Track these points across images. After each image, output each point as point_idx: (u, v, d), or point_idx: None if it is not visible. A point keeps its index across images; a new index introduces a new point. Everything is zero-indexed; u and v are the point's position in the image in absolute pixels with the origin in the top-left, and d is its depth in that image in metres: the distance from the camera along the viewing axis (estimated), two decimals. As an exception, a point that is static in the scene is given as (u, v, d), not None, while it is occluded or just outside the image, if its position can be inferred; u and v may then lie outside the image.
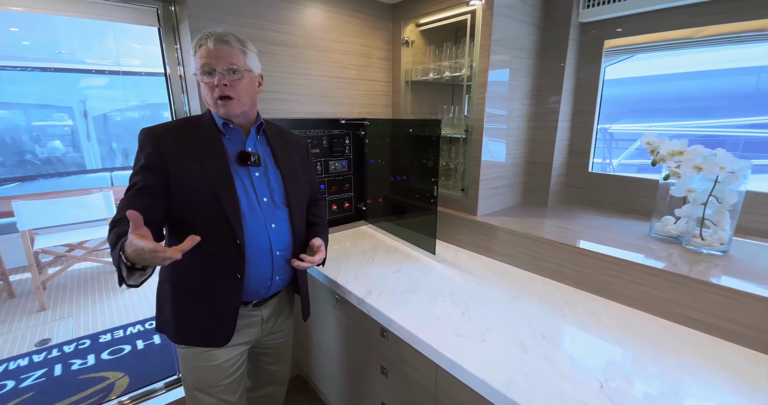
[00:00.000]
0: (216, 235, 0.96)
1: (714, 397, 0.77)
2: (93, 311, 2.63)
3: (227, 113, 0.98)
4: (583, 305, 1.13)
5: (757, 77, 2.28)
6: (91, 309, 2.66)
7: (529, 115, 1.65)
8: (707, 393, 0.78)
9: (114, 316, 2.56)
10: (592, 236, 1.32)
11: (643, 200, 1.55)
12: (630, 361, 0.87)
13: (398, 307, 1.11)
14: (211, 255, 0.97)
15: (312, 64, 1.55)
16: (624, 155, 2.60)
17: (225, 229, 0.97)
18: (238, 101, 0.97)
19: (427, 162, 1.59)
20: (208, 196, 0.95)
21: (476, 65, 1.42)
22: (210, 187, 0.95)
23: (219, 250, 0.98)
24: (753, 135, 2.28)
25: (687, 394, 0.77)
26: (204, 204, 0.95)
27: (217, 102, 0.96)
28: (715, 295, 0.97)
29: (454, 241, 1.61)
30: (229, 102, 0.96)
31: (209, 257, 0.97)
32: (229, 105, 0.96)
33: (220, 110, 0.97)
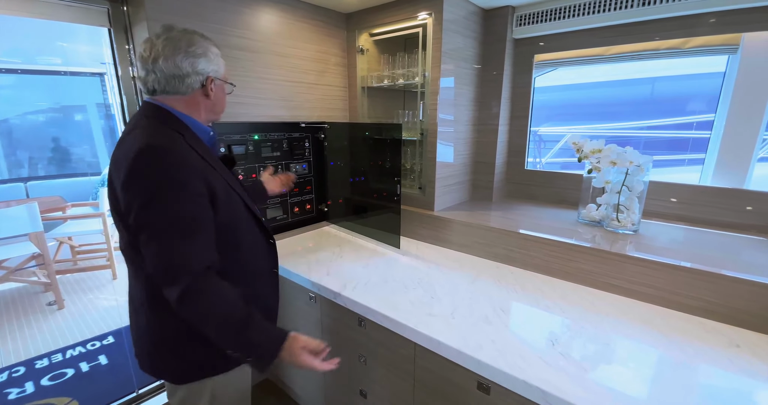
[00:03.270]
0: (253, 237, 1.01)
1: (636, 345, 0.97)
2: (22, 337, 2.35)
3: (216, 120, 1.05)
4: (530, 282, 1.31)
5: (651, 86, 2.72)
6: (18, 334, 2.38)
7: (474, 119, 1.83)
8: (631, 342, 0.98)
9: (48, 339, 2.32)
10: (532, 224, 1.52)
11: (570, 192, 1.81)
12: (571, 323, 1.05)
13: (374, 297, 1.20)
14: (250, 262, 0.99)
15: (272, 69, 1.59)
16: (550, 154, 2.95)
17: (257, 231, 1.02)
18: None
19: (384, 163, 1.70)
20: (239, 203, 0.97)
21: (429, 74, 1.57)
22: (236, 193, 0.96)
23: (258, 253, 1.02)
24: (650, 135, 2.72)
25: (616, 344, 0.97)
26: (239, 212, 0.96)
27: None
28: (631, 265, 1.20)
29: (414, 235, 1.74)
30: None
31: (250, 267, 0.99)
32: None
33: (218, 118, 1.04)
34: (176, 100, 0.91)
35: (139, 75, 0.90)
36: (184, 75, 0.88)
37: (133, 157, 0.77)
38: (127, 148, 0.81)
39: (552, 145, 2.92)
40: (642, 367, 0.88)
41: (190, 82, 0.90)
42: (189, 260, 0.78)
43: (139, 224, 0.78)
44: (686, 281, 1.11)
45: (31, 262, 2.79)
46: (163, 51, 0.85)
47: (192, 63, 0.88)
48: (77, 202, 3.54)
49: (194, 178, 0.82)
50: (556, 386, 0.80)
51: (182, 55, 0.87)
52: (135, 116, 0.92)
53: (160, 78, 0.87)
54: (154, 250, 0.78)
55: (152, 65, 0.85)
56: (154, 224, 0.78)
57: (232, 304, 0.82)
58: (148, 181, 0.77)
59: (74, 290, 3.00)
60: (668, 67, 1.89)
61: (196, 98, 0.94)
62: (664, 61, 1.64)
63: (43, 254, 2.66)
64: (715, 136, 1.61)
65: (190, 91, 0.91)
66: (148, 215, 0.77)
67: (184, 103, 0.92)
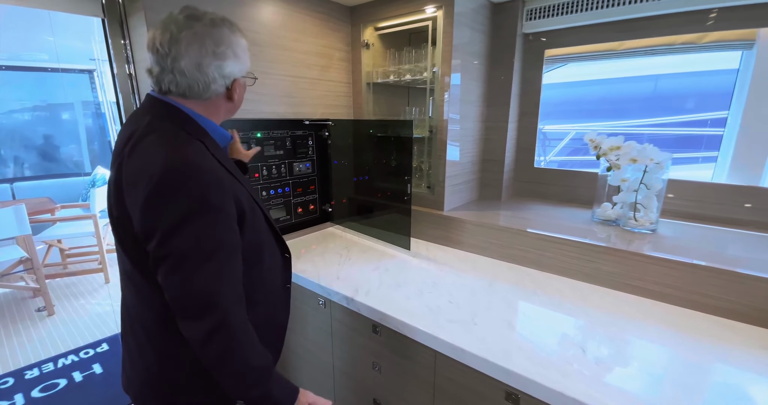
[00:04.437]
0: (272, 252, 0.93)
1: (659, 346, 0.92)
2: (10, 345, 2.25)
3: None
4: (549, 285, 1.26)
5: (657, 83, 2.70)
6: (6, 343, 2.28)
7: (482, 116, 1.78)
8: (655, 344, 0.93)
9: (38, 348, 2.22)
10: (546, 224, 1.47)
11: (581, 190, 1.77)
12: (598, 328, 1.01)
13: (388, 302, 1.14)
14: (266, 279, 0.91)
15: (274, 63, 1.52)
16: (554, 152, 2.92)
17: (275, 245, 0.95)
18: None
19: (389, 162, 1.64)
20: (261, 218, 0.88)
21: (438, 69, 1.51)
22: (258, 206, 0.87)
23: (274, 269, 0.95)
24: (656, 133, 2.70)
25: (647, 350, 0.92)
26: (262, 228, 0.88)
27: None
28: (653, 266, 1.15)
29: (423, 235, 1.68)
30: None
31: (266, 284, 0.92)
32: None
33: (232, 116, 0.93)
34: (195, 104, 0.80)
35: (151, 69, 0.76)
36: (209, 81, 0.77)
37: (159, 174, 0.67)
38: (147, 160, 0.70)
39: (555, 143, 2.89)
40: (678, 375, 0.83)
41: (215, 88, 0.79)
42: (221, 294, 0.69)
43: (163, 252, 0.68)
44: (711, 281, 1.07)
45: (19, 267, 2.68)
46: (186, 51, 0.73)
47: (219, 67, 0.77)
48: (66, 203, 3.42)
49: (227, 199, 0.73)
50: (597, 399, 0.75)
51: (209, 58, 0.75)
52: (143, 117, 0.77)
53: (180, 81, 0.75)
54: (178, 280, 0.68)
55: (171, 65, 0.73)
56: (182, 253, 0.68)
57: (256, 348, 0.74)
58: (177, 204, 0.67)
59: (65, 295, 2.89)
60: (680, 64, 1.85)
61: (218, 102, 0.83)
62: (678, 56, 1.61)
63: (31, 258, 2.55)
64: (729, 133, 1.58)
65: (213, 96, 0.80)
66: (175, 243, 0.67)
67: (204, 107, 0.81)
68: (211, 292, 0.68)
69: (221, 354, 0.69)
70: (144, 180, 0.68)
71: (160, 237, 0.67)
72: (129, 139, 0.75)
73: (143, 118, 0.78)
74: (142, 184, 0.68)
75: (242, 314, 0.73)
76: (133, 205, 0.70)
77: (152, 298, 0.77)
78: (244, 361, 0.71)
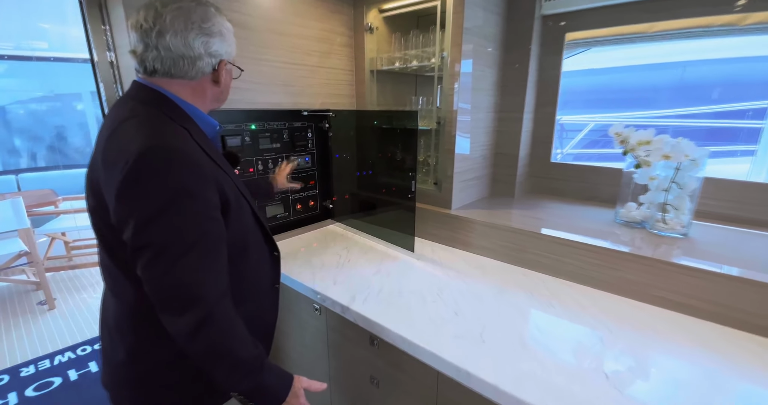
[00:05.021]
0: (258, 249, 0.89)
1: (692, 368, 0.80)
2: (8, 340, 2.23)
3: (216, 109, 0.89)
4: (566, 293, 1.14)
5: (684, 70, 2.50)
6: (5, 337, 2.25)
7: (495, 106, 1.65)
8: (687, 365, 0.81)
9: (36, 343, 2.19)
10: (563, 225, 1.35)
11: (602, 188, 1.63)
12: (621, 345, 0.89)
13: (388, 312, 1.04)
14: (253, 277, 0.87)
15: (269, 49, 1.40)
16: (571, 144, 2.76)
17: (263, 242, 0.90)
18: None
19: (395, 155, 1.52)
20: (248, 211, 0.85)
21: (447, 55, 1.38)
22: (245, 199, 0.84)
23: (261, 267, 0.90)
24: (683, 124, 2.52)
25: (674, 368, 0.80)
26: (249, 222, 0.85)
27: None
28: (684, 276, 1.02)
29: (429, 236, 1.57)
30: None
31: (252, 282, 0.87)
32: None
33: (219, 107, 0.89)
34: (181, 86, 0.76)
35: (134, 49, 0.72)
36: (195, 56, 0.74)
37: (134, 158, 0.62)
38: (122, 145, 0.65)
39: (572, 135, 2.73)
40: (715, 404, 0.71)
41: (201, 66, 0.76)
42: (205, 286, 0.66)
43: (140, 242, 0.64)
44: (751, 295, 0.94)
45: (22, 260, 2.66)
46: (172, 24, 0.70)
47: (205, 43, 0.74)
48: (70, 195, 3.39)
49: (208, 186, 0.69)
50: (625, 440, 0.64)
51: (195, 32, 0.72)
52: (124, 101, 0.75)
53: (165, 57, 0.72)
54: (159, 272, 0.64)
55: (156, 40, 0.70)
56: (161, 243, 0.64)
57: (246, 340, 0.72)
58: (154, 191, 0.63)
59: (67, 288, 2.87)
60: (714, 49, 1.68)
61: (203, 85, 0.79)
62: (714, 40, 1.44)
63: (31, 251, 2.52)
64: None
65: (199, 75, 0.77)
66: (154, 232, 0.63)
67: (191, 90, 0.77)
68: (194, 285, 0.65)
69: (210, 348, 0.67)
70: (120, 164, 0.63)
71: (136, 225, 0.63)
72: (107, 128, 0.71)
73: (128, 103, 0.74)
74: (117, 169, 0.63)
75: (228, 306, 0.70)
76: (108, 191, 0.66)
77: (126, 291, 0.75)
78: (234, 354, 0.69)
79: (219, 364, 0.68)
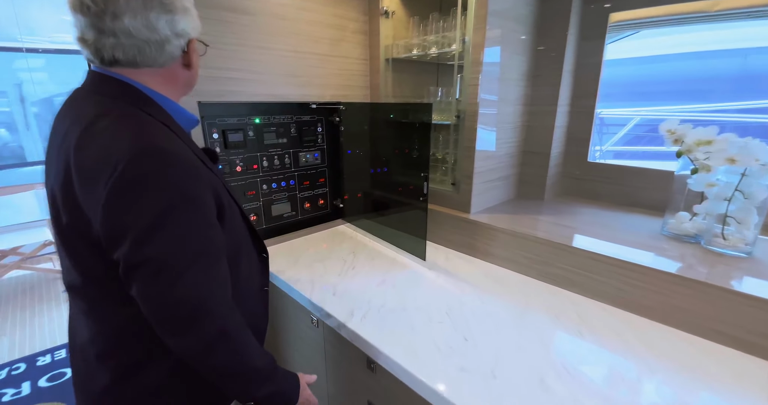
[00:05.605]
0: (248, 251, 0.82)
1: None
2: (31, 326, 2.30)
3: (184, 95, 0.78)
4: (599, 319, 0.98)
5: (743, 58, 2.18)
6: (28, 324, 2.32)
7: (524, 98, 1.47)
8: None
9: (55, 331, 2.25)
10: (599, 235, 1.17)
11: (647, 193, 1.42)
12: (666, 389, 0.72)
13: (387, 332, 0.92)
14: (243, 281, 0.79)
15: (274, 36, 1.29)
16: (612, 141, 2.50)
17: (251, 243, 0.84)
18: None
19: (411, 152, 1.39)
20: (237, 212, 0.77)
21: (469, 39, 1.22)
22: (233, 199, 0.77)
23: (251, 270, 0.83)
24: (744, 120, 2.21)
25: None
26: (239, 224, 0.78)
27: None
28: (745, 306, 0.84)
29: (444, 241, 1.43)
30: None
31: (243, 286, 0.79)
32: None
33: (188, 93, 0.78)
34: (150, 75, 0.66)
35: (83, 36, 0.61)
36: (162, 40, 0.64)
37: (123, 165, 0.55)
38: (107, 148, 0.56)
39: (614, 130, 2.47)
40: None
41: (170, 50, 0.66)
42: (213, 299, 0.61)
43: (138, 258, 0.56)
44: None
45: (49, 248, 2.74)
46: (127, 3, 0.59)
47: (170, 22, 0.64)
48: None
49: (205, 189, 0.63)
50: None
51: (157, 11, 0.62)
52: (86, 96, 0.65)
53: (127, 45, 0.61)
54: (161, 290, 0.57)
55: (112, 24, 0.59)
56: (163, 257, 0.57)
57: (257, 346, 0.69)
58: (151, 200, 0.56)
59: (93, 276, 2.94)
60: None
61: (174, 71, 0.69)
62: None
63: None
64: None
65: (169, 61, 0.67)
66: (154, 246, 0.57)
67: (161, 79, 0.68)
68: (203, 299, 0.60)
69: (227, 363, 0.63)
70: (106, 172, 0.55)
71: (134, 239, 0.56)
72: (71, 130, 0.60)
73: (91, 99, 0.63)
74: (103, 177, 0.55)
75: (238, 316, 0.66)
76: (93, 205, 0.57)
77: (107, 313, 0.67)
78: (251, 364, 0.66)
79: (237, 377, 0.65)
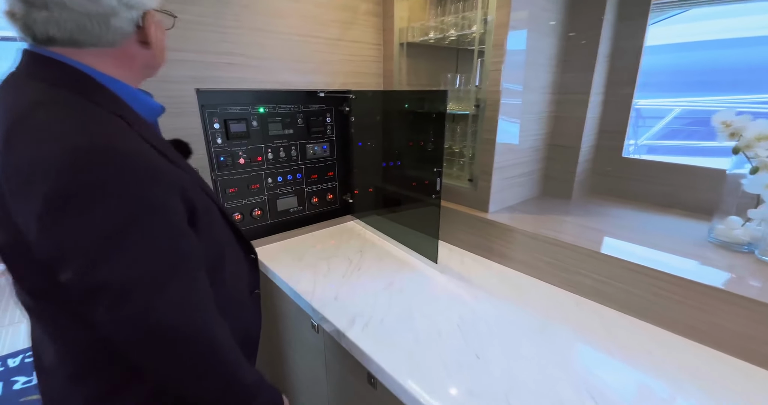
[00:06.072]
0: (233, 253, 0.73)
1: None
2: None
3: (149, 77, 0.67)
4: (633, 337, 0.86)
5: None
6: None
7: (552, 85, 1.33)
8: None
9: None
10: (633, 240, 1.04)
11: (688, 192, 1.27)
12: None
13: (389, 345, 0.83)
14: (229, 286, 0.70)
15: (278, 19, 1.20)
16: (649, 134, 2.30)
17: (236, 243, 0.74)
18: None
19: (426, 145, 1.28)
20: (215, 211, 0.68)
21: (492, 19, 1.09)
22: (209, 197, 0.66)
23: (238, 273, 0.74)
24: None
25: None
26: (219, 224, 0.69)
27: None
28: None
29: (459, 242, 1.32)
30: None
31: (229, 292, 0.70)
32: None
33: (153, 75, 0.67)
34: (96, 56, 0.55)
35: (12, 10, 0.50)
36: (106, 13, 0.53)
37: (59, 167, 0.45)
38: (41, 147, 0.46)
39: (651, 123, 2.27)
40: None
41: (118, 25, 0.54)
42: (195, 321, 0.52)
43: (92, 283, 0.46)
44: None
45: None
46: None
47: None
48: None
49: (170, 191, 0.53)
50: None
51: None
52: (18, 82, 0.53)
53: (62, 19, 0.50)
54: (130, 316, 0.48)
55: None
56: (126, 281, 0.47)
57: (245, 362, 0.62)
58: (101, 209, 0.46)
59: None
60: None
61: (129, 50, 0.58)
62: None
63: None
64: None
65: (119, 39, 0.56)
66: (111, 269, 0.46)
67: (113, 61, 0.57)
68: (182, 322, 0.51)
69: (217, 386, 0.56)
70: (38, 176, 0.45)
71: (83, 261, 0.46)
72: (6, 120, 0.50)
73: (25, 86, 0.52)
74: (36, 184, 0.45)
75: (226, 332, 0.58)
76: (23, 217, 0.48)
77: (69, 335, 0.57)
78: (241, 383, 0.59)
79: (227, 399, 0.58)
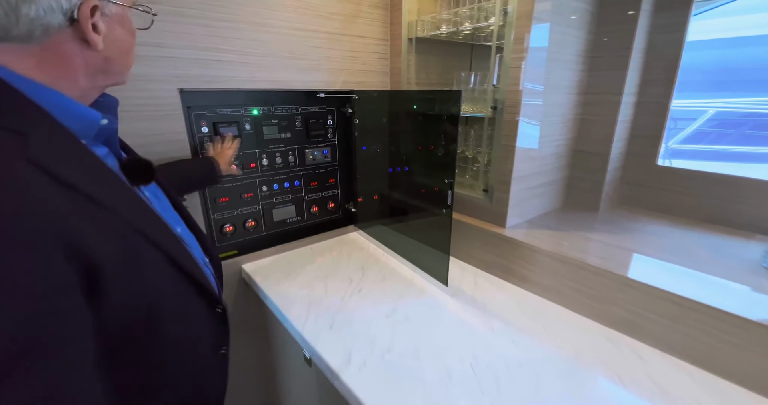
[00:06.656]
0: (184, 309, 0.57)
1: None
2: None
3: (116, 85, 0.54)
4: (678, 383, 0.72)
5: None
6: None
7: (579, 85, 1.19)
8: None
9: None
10: (673, 262, 0.90)
11: (739, 207, 1.11)
12: None
13: (391, 389, 0.71)
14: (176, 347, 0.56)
15: (273, 11, 1.09)
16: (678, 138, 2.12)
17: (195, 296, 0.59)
18: None
19: (437, 150, 1.15)
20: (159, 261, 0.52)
21: (513, 9, 0.96)
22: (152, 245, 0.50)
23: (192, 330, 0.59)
24: None
25: None
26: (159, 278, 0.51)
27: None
28: None
29: (472, 259, 1.19)
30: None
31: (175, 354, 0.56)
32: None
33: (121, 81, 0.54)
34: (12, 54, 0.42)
35: None
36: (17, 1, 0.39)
37: None
38: None
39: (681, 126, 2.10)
40: None
41: (33, 16, 0.40)
42: None
43: None
44: None
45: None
46: None
47: None
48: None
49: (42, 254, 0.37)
50: None
51: None
52: None
53: None
54: None
55: None
56: None
57: None
58: None
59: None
60: None
61: (60, 50, 0.44)
62: None
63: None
64: None
65: (39, 34, 0.42)
66: None
67: (36, 61, 0.43)
68: None
69: None
70: None
71: None
72: None
73: None
74: None
75: None
76: None
77: None
78: None
79: None
